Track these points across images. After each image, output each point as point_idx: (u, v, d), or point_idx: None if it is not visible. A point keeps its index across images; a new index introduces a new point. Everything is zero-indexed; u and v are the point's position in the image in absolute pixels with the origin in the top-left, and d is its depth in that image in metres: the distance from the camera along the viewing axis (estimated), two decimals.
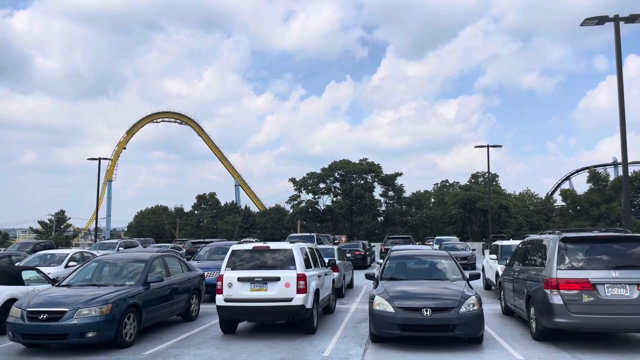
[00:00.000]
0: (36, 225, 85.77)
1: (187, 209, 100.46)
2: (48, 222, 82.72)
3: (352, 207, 69.16)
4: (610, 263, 8.55)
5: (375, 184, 71.52)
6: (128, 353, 8.65)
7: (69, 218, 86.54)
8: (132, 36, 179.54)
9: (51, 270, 15.21)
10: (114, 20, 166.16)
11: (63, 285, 10.09)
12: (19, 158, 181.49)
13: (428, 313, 8.47)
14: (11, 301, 10.07)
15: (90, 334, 8.45)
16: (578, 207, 62.66)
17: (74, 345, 8.92)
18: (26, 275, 11.62)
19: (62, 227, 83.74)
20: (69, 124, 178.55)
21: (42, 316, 8.50)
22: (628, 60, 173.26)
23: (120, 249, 27.00)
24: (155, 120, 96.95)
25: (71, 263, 16.84)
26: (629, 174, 21.76)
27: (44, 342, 8.87)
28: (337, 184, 71.31)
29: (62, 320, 8.43)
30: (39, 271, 12.31)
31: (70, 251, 18.77)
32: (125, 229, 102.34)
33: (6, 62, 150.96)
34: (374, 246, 38.48)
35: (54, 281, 11.58)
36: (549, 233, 10.14)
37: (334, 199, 71.39)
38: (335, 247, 18.35)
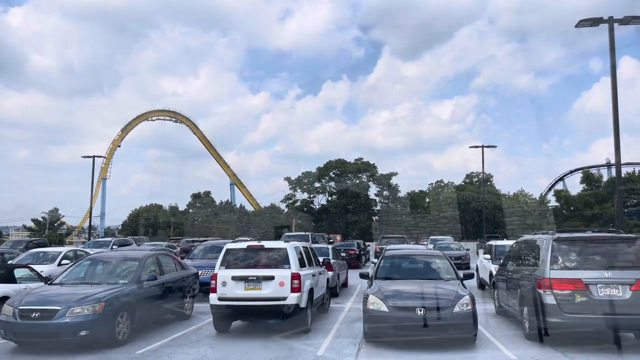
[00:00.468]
0: (29, 223, 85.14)
1: (182, 207, 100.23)
2: (41, 219, 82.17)
3: (347, 207, 69.29)
4: (603, 263, 8.60)
5: (370, 183, 71.79)
6: (121, 352, 8.62)
7: (63, 216, 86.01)
8: (128, 34, 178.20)
9: (44, 268, 15.15)
10: (109, 17, 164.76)
11: (56, 284, 10.03)
12: (12, 155, 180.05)
13: (422, 312, 8.49)
14: (3, 299, 10.01)
15: (82, 333, 8.41)
16: (572, 208, 62.95)
17: (67, 344, 8.86)
18: (18, 273, 11.58)
19: (55, 225, 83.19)
20: (63, 122, 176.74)
21: (34, 314, 8.46)
22: (622, 62, 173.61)
23: (114, 247, 26.91)
24: (150, 119, 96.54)
25: (64, 261, 16.77)
26: (622, 175, 21.88)
27: (36, 341, 8.80)
28: (332, 183, 71.49)
29: (54, 318, 8.39)
30: (32, 269, 12.26)
31: (64, 249, 18.68)
32: (120, 227, 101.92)
33: (0, 59, 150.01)
34: (368, 245, 38.53)
35: (46, 279, 11.53)
36: (543, 233, 10.17)
37: (329, 198, 71.53)
38: (330, 246, 18.36)
